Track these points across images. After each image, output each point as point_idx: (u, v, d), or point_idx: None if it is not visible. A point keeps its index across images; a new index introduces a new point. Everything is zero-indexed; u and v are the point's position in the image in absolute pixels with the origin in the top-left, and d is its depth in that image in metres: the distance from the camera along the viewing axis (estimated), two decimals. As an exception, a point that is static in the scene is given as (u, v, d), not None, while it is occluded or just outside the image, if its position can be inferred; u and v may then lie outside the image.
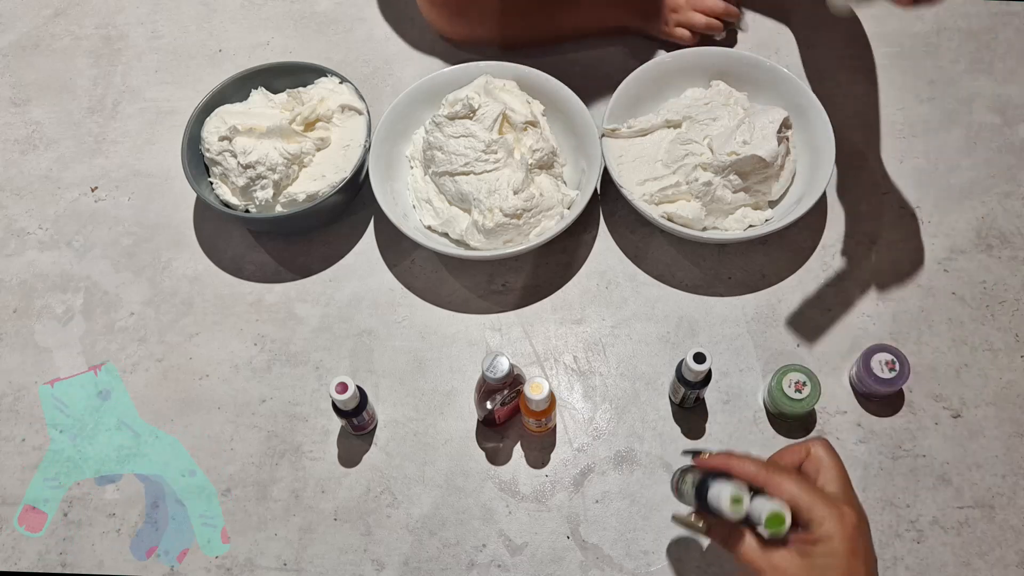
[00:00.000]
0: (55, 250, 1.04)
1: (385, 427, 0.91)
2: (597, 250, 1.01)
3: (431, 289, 0.99)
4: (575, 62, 1.13)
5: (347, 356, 0.95)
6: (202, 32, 1.20)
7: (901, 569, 0.82)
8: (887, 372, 0.86)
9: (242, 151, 0.95)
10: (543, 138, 0.98)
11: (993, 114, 1.08)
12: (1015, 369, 0.91)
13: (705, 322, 0.95)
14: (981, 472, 0.86)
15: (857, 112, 1.08)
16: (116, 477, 0.89)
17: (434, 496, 0.87)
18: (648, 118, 1.01)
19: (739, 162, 0.93)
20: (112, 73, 1.17)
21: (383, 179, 0.99)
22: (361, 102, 1.02)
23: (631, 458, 0.88)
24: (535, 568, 0.83)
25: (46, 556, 0.86)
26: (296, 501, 0.87)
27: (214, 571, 0.84)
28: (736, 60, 1.04)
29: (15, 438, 0.92)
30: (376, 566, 0.84)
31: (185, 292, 1.00)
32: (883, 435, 0.88)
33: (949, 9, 1.16)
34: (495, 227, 0.93)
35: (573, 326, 0.96)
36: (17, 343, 0.98)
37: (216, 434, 0.91)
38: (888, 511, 0.85)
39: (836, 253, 0.99)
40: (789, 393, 0.85)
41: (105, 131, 1.12)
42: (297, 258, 1.02)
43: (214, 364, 0.95)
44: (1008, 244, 0.99)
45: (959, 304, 0.95)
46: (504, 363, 0.79)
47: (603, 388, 0.92)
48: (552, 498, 0.87)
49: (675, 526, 0.77)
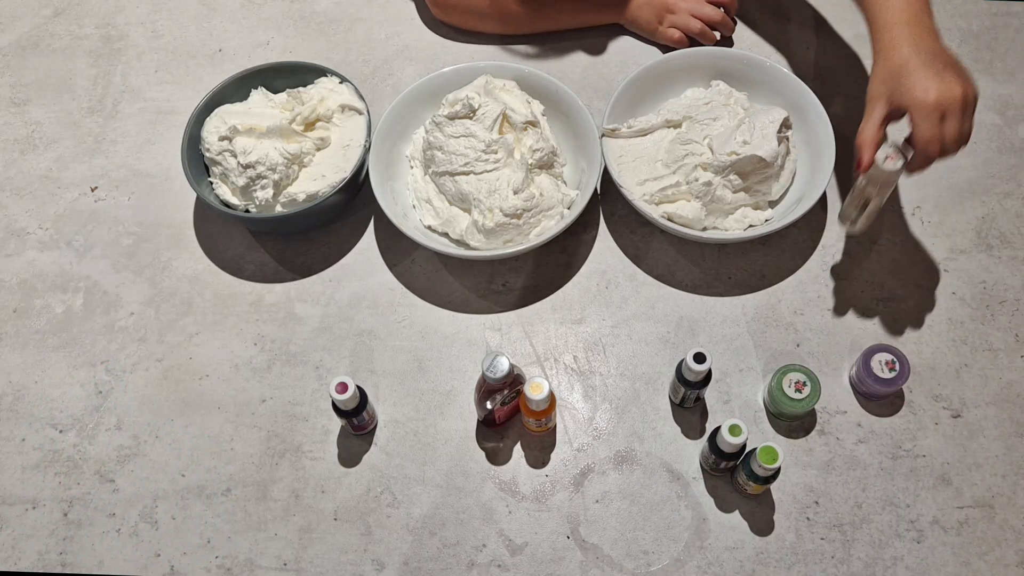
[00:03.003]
0: (55, 250, 1.04)
1: (385, 427, 0.91)
2: (597, 250, 1.01)
3: (431, 289, 0.99)
4: (575, 62, 1.13)
5: (347, 356, 0.95)
6: (202, 32, 1.20)
7: (901, 569, 0.82)
8: (887, 372, 0.86)
9: (242, 151, 0.95)
10: (543, 138, 0.98)
11: (993, 114, 1.08)
12: (1015, 369, 0.91)
13: (705, 322, 0.95)
14: (981, 472, 0.86)
15: (857, 112, 1.08)
16: (116, 477, 0.89)
17: (434, 496, 0.87)
18: (648, 118, 1.01)
19: (739, 162, 0.93)
20: (112, 73, 1.17)
21: (383, 179, 0.99)
22: (361, 102, 1.02)
23: (631, 458, 0.88)
24: (535, 568, 0.83)
25: (46, 556, 0.86)
26: (296, 501, 0.87)
27: (214, 571, 0.84)
28: (736, 60, 1.04)
29: (15, 438, 0.92)
30: (376, 566, 0.84)
31: (185, 292, 1.00)
32: (883, 435, 0.88)
33: (949, 9, 1.16)
34: (495, 227, 0.93)
35: (573, 326, 0.96)
36: (17, 343, 0.98)
37: (216, 434, 0.91)
38: (888, 511, 0.85)
39: (836, 253, 0.99)
40: (789, 393, 0.85)
41: (105, 131, 1.12)
42: (297, 258, 1.02)
43: (214, 364, 0.95)
44: (1008, 244, 0.99)
45: (959, 304, 0.95)
46: (504, 363, 0.79)
47: (603, 388, 0.92)
48: (552, 498, 0.87)
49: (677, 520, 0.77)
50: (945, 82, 0.77)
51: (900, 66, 0.80)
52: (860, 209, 0.87)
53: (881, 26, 0.82)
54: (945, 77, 0.78)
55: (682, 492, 0.86)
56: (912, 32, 0.81)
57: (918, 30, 0.81)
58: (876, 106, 0.82)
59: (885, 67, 0.81)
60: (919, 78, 0.78)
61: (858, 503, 0.85)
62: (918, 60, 0.79)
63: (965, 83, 0.78)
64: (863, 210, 0.86)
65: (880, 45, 0.82)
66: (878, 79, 0.82)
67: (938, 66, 0.78)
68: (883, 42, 0.82)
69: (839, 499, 0.85)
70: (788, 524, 0.84)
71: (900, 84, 0.79)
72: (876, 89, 0.82)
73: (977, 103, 0.80)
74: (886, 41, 0.81)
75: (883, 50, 0.81)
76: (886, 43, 0.81)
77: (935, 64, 0.78)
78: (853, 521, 0.84)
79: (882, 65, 0.81)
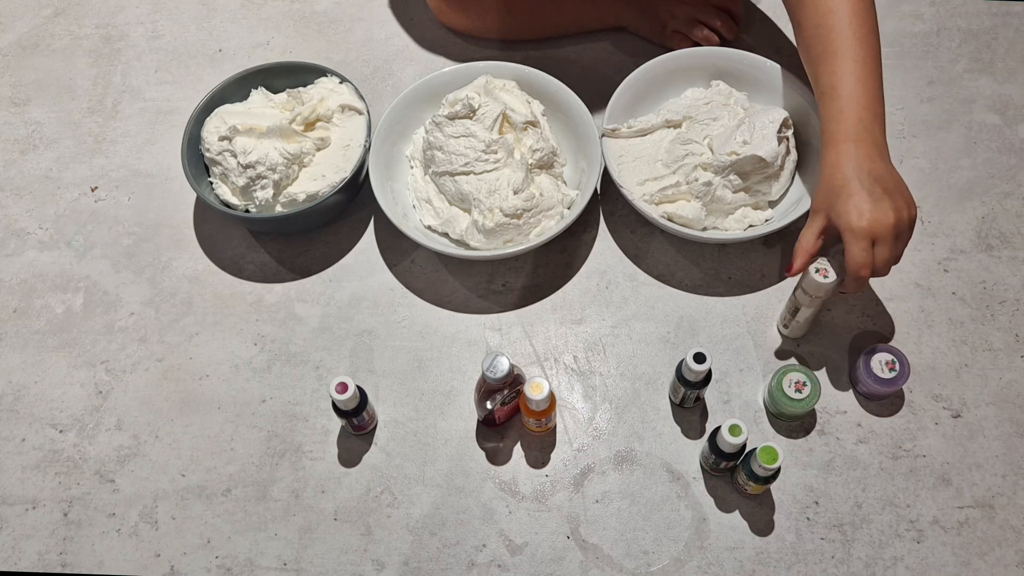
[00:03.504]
0: (55, 250, 1.04)
1: (385, 427, 0.91)
2: (597, 250, 1.01)
3: (431, 289, 0.99)
4: (575, 62, 1.13)
5: (347, 356, 0.95)
6: (202, 32, 1.20)
7: (901, 569, 0.82)
8: (887, 372, 0.86)
9: (242, 151, 0.95)
10: (543, 138, 0.98)
11: (993, 114, 1.08)
12: (1015, 369, 0.91)
13: (705, 322, 0.95)
14: (981, 472, 0.86)
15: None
16: (116, 477, 0.89)
17: (434, 496, 0.87)
18: (648, 118, 1.01)
19: (739, 162, 0.93)
20: (112, 73, 1.17)
21: (383, 179, 0.99)
22: (361, 102, 1.02)
23: (631, 458, 0.88)
24: (535, 568, 0.83)
25: (46, 556, 0.86)
26: (296, 501, 0.87)
27: (214, 571, 0.84)
28: (736, 60, 1.04)
29: (15, 438, 0.92)
30: (376, 566, 0.84)
31: (185, 292, 1.00)
32: (883, 435, 0.88)
33: (949, 9, 1.16)
34: (495, 227, 0.93)
35: (573, 326, 0.96)
36: (17, 343, 0.98)
37: (216, 434, 0.91)
38: (888, 511, 0.85)
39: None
40: (789, 393, 0.85)
41: (105, 131, 1.12)
42: (297, 258, 1.02)
43: (214, 364, 0.95)
44: (1008, 244, 0.99)
45: (959, 304, 0.95)
46: (504, 363, 0.79)
47: (603, 388, 0.92)
48: (552, 498, 0.87)
49: (677, 520, 0.77)
50: (880, 208, 0.78)
51: (840, 187, 0.80)
52: (792, 315, 0.90)
53: (829, 140, 0.83)
54: (881, 203, 0.78)
55: (682, 492, 0.86)
56: (858, 151, 0.81)
57: (865, 149, 0.81)
58: (816, 218, 0.83)
59: (828, 184, 0.82)
60: (855, 202, 0.79)
61: (858, 503, 0.85)
62: (858, 184, 0.79)
63: (899, 208, 0.79)
64: (795, 316, 0.89)
65: (827, 160, 0.83)
66: (821, 194, 0.83)
67: (877, 191, 0.79)
68: (829, 158, 0.82)
69: (839, 499, 0.85)
70: (788, 524, 0.84)
71: (836, 204, 0.80)
72: (818, 202, 0.83)
73: (914, 226, 0.80)
74: (832, 158, 0.82)
75: (828, 166, 0.82)
76: (832, 160, 0.82)
77: (874, 189, 0.79)
78: (853, 521, 0.84)
79: (826, 182, 0.82)
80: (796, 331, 0.92)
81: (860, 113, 0.82)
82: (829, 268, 0.83)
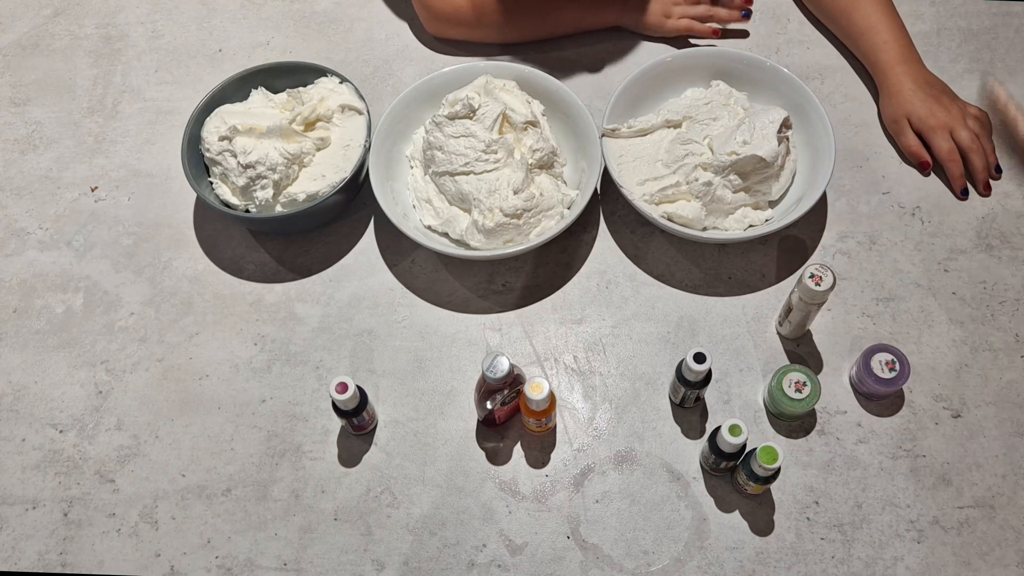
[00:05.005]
0: (55, 250, 1.04)
1: (385, 427, 0.91)
2: (597, 250, 1.01)
3: (431, 289, 0.99)
4: (575, 62, 1.13)
5: (347, 356, 0.95)
6: (202, 32, 1.20)
7: (901, 569, 0.82)
8: (887, 372, 0.86)
9: (242, 151, 0.95)
10: (543, 138, 0.98)
11: (993, 114, 1.08)
12: (1015, 369, 0.91)
13: (705, 322, 0.95)
14: (981, 472, 0.86)
15: (857, 112, 1.08)
16: (116, 477, 0.89)
17: (434, 496, 0.87)
18: (648, 118, 1.01)
19: (739, 162, 0.93)
20: (112, 73, 1.17)
21: (383, 179, 0.99)
22: (361, 102, 1.02)
23: (631, 458, 0.88)
24: (535, 568, 0.83)
25: (46, 556, 0.86)
26: (296, 501, 0.87)
27: (214, 571, 0.84)
28: (736, 60, 1.04)
29: (15, 438, 0.92)
30: (376, 566, 0.84)
31: (185, 292, 1.00)
32: (883, 435, 0.88)
33: (949, 9, 1.16)
34: (495, 227, 0.93)
35: (573, 326, 0.96)
36: (17, 343, 0.98)
37: (216, 434, 0.91)
38: (888, 511, 0.85)
39: (836, 253, 0.99)
40: (789, 393, 0.85)
41: (105, 131, 1.12)
42: (297, 258, 1.02)
43: (214, 364, 0.95)
44: (1008, 244, 0.99)
45: (959, 304, 0.95)
46: (504, 363, 0.79)
47: (603, 388, 0.92)
48: (552, 498, 0.87)
49: (677, 520, 0.77)
50: (942, 104, 1.01)
51: (908, 100, 1.01)
52: (787, 315, 0.91)
53: (884, 67, 1.04)
54: (942, 100, 1.01)
55: (682, 492, 0.86)
56: (910, 69, 1.03)
57: (915, 67, 1.03)
58: (903, 124, 1.02)
59: (897, 101, 1.02)
60: (927, 107, 1.00)
61: (858, 503, 0.85)
62: (922, 93, 1.01)
63: (955, 99, 1.02)
64: (787, 317, 0.91)
65: (887, 83, 1.03)
66: (891, 110, 1.03)
67: (935, 93, 1.01)
68: (890, 80, 1.03)
69: (839, 499, 0.85)
70: (788, 524, 0.84)
71: (913, 113, 1.01)
72: (895, 113, 1.02)
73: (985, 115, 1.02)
74: (893, 79, 1.02)
75: (891, 87, 1.03)
76: (893, 81, 1.02)
77: (933, 92, 1.01)
78: (853, 521, 0.84)
79: (895, 99, 1.02)
80: (790, 331, 0.92)
81: (901, 41, 1.04)
82: (820, 274, 0.83)
